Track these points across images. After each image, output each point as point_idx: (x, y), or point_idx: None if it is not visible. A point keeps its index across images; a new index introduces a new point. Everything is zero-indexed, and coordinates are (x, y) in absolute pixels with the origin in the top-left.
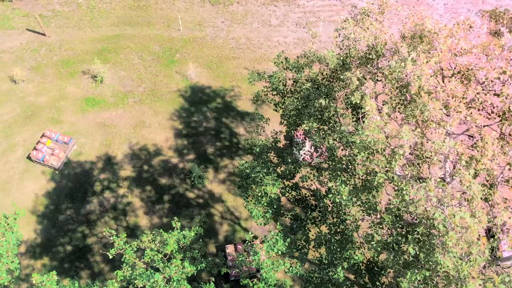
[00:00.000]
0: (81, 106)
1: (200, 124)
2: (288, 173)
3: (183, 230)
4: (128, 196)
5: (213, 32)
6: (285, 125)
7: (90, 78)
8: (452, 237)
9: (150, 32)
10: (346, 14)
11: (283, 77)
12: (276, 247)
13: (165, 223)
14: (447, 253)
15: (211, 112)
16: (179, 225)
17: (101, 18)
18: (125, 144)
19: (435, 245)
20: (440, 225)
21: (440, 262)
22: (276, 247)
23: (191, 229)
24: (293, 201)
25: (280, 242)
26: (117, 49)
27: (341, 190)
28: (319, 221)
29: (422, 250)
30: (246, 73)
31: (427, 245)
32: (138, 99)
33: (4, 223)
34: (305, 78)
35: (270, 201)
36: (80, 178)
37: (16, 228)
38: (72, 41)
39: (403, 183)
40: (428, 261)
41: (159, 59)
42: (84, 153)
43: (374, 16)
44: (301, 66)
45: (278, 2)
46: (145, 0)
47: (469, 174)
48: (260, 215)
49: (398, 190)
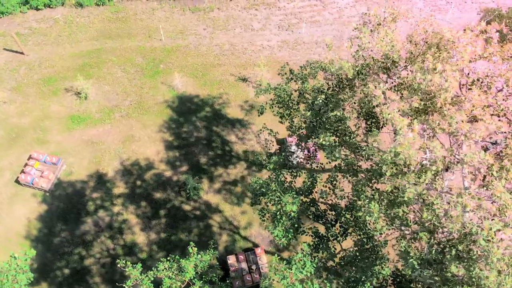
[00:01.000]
0: (67, 125)
1: (190, 135)
2: (306, 189)
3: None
4: (123, 214)
5: (195, 40)
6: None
7: (73, 95)
8: (497, 253)
9: (131, 44)
10: (327, 14)
11: (289, 89)
12: (305, 270)
13: (163, 238)
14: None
15: (200, 122)
16: (195, 250)
17: (80, 33)
18: (115, 161)
19: (476, 260)
20: (481, 241)
21: (483, 278)
22: (305, 269)
23: (206, 252)
24: (312, 218)
25: (308, 264)
26: (99, 64)
27: (371, 207)
28: (341, 236)
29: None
30: (232, 80)
31: (469, 261)
32: (125, 113)
33: (14, 265)
34: (311, 89)
35: (290, 220)
36: (72, 198)
37: (27, 268)
38: (51, 58)
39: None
40: (471, 277)
41: (143, 71)
42: (74, 172)
43: (387, 24)
44: (306, 77)
45: (259, 6)
46: (124, 12)
47: (502, 184)
48: (281, 235)
49: (428, 204)
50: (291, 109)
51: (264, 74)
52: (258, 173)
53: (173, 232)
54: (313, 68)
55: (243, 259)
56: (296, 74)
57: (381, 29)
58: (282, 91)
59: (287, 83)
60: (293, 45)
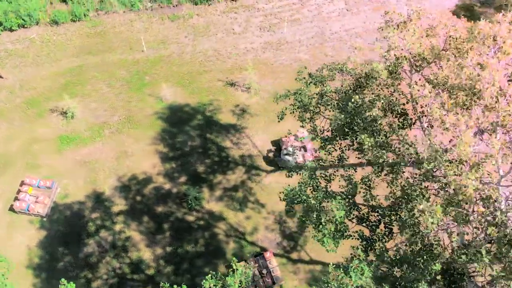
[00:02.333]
0: (57, 146)
1: (185, 144)
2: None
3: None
4: (125, 231)
5: (178, 48)
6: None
7: (59, 115)
8: None
9: (113, 58)
10: (306, 12)
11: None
12: (364, 276)
13: (170, 252)
14: None
15: (194, 130)
16: (240, 265)
17: (59, 51)
18: (111, 178)
19: None
20: None
21: None
22: (364, 275)
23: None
24: (356, 221)
25: (366, 269)
26: (83, 81)
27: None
28: (386, 236)
29: None
30: (220, 85)
31: None
32: (115, 129)
33: None
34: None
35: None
36: (71, 221)
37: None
38: (32, 79)
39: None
40: None
41: (129, 84)
42: (70, 194)
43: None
44: (325, 79)
45: (238, 9)
46: (102, 26)
47: None
48: (331, 242)
49: (486, 198)
50: (312, 112)
51: (252, 77)
52: (257, 177)
53: (178, 244)
54: (331, 70)
55: (253, 265)
56: (315, 78)
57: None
58: (304, 96)
59: (306, 87)
60: (276, 46)
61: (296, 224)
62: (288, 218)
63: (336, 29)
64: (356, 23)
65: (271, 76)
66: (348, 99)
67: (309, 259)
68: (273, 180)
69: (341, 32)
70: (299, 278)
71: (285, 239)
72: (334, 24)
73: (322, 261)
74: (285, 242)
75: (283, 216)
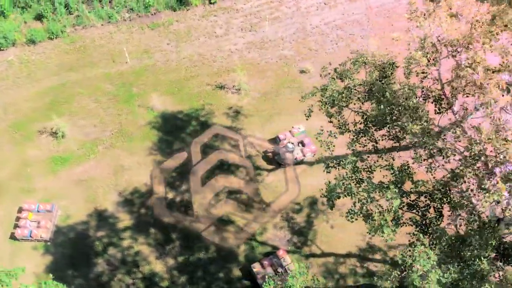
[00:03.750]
0: (50, 168)
1: (183, 151)
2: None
3: None
4: (134, 246)
5: (162, 56)
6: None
7: (49, 135)
8: None
9: (96, 72)
10: (285, 9)
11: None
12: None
13: (181, 261)
14: None
15: (190, 137)
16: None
17: (39, 71)
18: (111, 194)
19: None
20: None
21: None
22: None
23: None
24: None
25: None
26: (68, 98)
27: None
28: (436, 220)
29: None
30: (210, 89)
31: None
32: (108, 144)
33: None
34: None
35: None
36: (76, 242)
37: None
38: (15, 102)
39: None
40: None
41: (116, 98)
42: (72, 215)
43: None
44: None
45: (217, 11)
46: (81, 41)
47: None
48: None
49: None
50: (341, 107)
51: (241, 78)
52: (259, 177)
53: (189, 253)
54: (355, 64)
55: (268, 264)
56: (339, 72)
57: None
58: (333, 91)
59: (333, 82)
60: (260, 45)
61: (304, 219)
62: (295, 214)
63: (316, 23)
64: (335, 16)
65: (259, 76)
66: (382, 90)
67: (320, 252)
68: (275, 178)
69: (321, 25)
70: (313, 272)
71: (295, 235)
72: (314, 18)
73: (334, 253)
74: (295, 238)
75: (289, 213)
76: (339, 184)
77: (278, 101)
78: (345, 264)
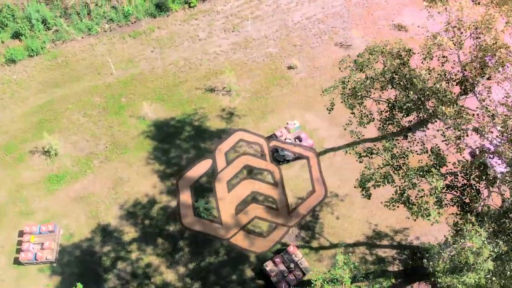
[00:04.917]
0: (47, 187)
1: (180, 158)
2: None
3: None
4: (143, 258)
5: (148, 64)
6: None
7: (41, 155)
8: None
9: (83, 86)
10: (265, 7)
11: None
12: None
13: (193, 268)
14: None
15: (186, 142)
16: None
17: (23, 90)
18: (113, 208)
19: None
20: None
21: None
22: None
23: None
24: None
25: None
26: (56, 115)
27: None
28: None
29: None
30: (200, 93)
31: None
32: (104, 158)
33: None
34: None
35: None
36: (83, 260)
37: None
38: (2, 123)
39: None
40: None
41: (106, 110)
42: (75, 233)
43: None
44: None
45: (197, 15)
46: (62, 56)
47: None
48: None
49: None
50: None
51: (231, 79)
52: (260, 175)
53: (200, 259)
54: (372, 53)
55: (280, 262)
56: (359, 63)
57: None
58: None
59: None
60: (245, 45)
61: (310, 214)
62: None
63: (297, 18)
64: (315, 10)
65: (247, 75)
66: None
67: (329, 244)
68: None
69: (303, 21)
70: (325, 265)
71: (302, 230)
72: (295, 14)
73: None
74: (303, 233)
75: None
76: (377, 172)
77: (270, 99)
78: (354, 253)
